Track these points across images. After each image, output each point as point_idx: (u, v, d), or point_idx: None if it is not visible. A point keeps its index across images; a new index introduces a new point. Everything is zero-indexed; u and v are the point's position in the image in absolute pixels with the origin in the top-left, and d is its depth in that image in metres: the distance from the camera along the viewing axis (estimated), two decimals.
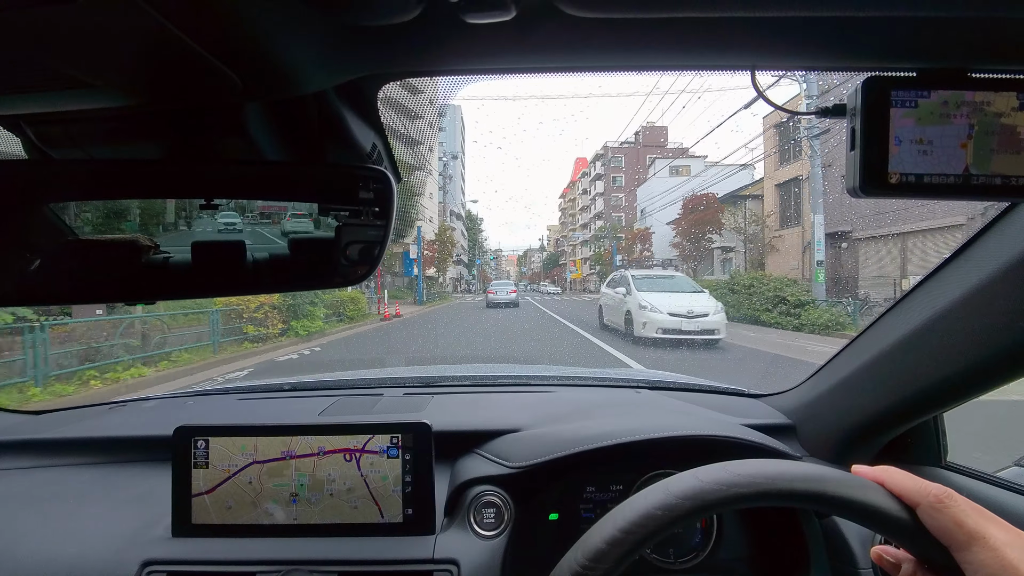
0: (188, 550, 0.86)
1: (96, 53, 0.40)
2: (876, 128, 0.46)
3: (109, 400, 1.42)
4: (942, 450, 0.96)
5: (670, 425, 0.95)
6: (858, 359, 0.93)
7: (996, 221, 0.69)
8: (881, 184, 0.46)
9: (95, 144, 0.55)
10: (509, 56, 0.50)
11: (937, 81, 0.46)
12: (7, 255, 0.53)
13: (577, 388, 1.44)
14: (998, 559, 0.38)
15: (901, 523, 0.42)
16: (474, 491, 0.93)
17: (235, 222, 0.56)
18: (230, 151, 0.56)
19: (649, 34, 0.46)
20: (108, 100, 0.46)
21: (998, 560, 0.38)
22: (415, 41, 0.46)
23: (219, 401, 1.39)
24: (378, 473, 0.88)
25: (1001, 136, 0.45)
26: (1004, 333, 0.67)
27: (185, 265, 0.55)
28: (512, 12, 0.39)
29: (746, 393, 1.33)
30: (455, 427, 1.06)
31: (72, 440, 1.13)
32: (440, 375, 1.55)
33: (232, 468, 0.88)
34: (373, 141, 0.63)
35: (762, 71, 0.52)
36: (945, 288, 0.74)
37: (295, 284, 0.65)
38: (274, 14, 0.39)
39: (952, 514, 0.40)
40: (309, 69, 0.47)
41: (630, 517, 0.42)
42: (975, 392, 0.76)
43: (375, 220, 0.57)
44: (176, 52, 0.39)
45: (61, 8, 0.33)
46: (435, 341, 10.13)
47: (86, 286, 0.58)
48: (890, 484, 0.44)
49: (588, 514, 0.99)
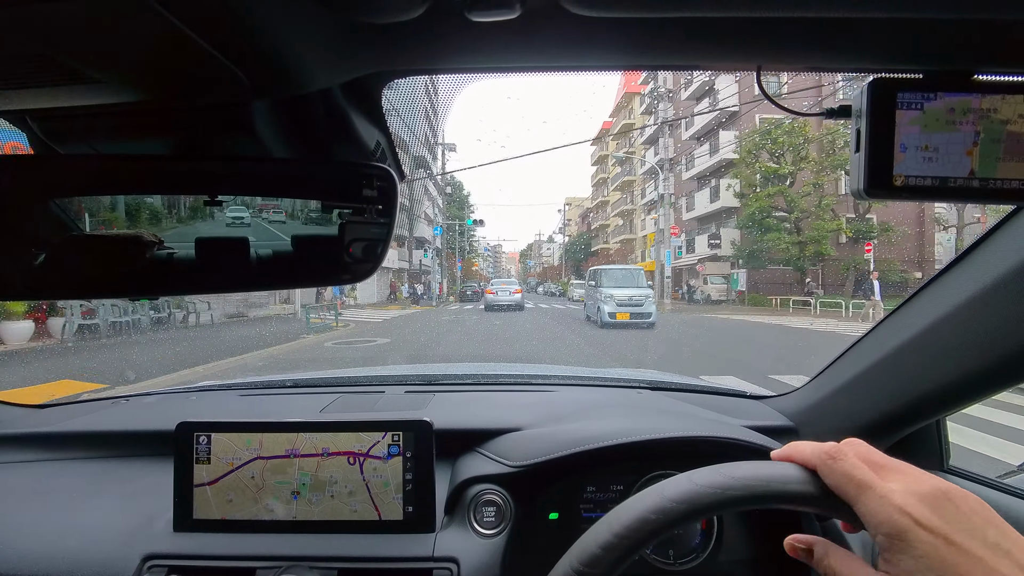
0: (189, 545, 0.86)
1: (104, 50, 0.40)
2: (881, 130, 0.45)
3: (112, 394, 1.43)
4: (944, 454, 0.96)
5: (671, 426, 0.95)
6: (861, 362, 0.93)
7: (1001, 225, 0.69)
8: (886, 186, 0.46)
9: (100, 140, 0.55)
10: (514, 54, 0.50)
11: (943, 83, 0.45)
12: (12, 249, 0.53)
13: (578, 388, 1.44)
14: (885, 506, 0.37)
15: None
16: (475, 489, 0.93)
17: (243, 216, 0.57)
18: (236, 148, 0.56)
19: (654, 33, 0.46)
20: (115, 96, 0.46)
21: (885, 507, 0.37)
22: (421, 39, 0.46)
23: (221, 396, 1.40)
24: (380, 479, 0.88)
25: (1007, 143, 0.45)
26: (1008, 337, 0.66)
27: (190, 261, 0.56)
28: (517, 11, 0.39)
29: (748, 395, 1.32)
30: (456, 425, 1.06)
31: (74, 434, 1.14)
32: (442, 373, 1.55)
33: (236, 462, 0.88)
34: (377, 139, 0.63)
35: (768, 72, 0.52)
36: (949, 292, 0.74)
37: (299, 281, 0.65)
38: (282, 12, 0.39)
39: (842, 468, 0.40)
40: (316, 67, 0.47)
41: (625, 521, 0.42)
42: (978, 396, 0.76)
43: (379, 217, 0.57)
44: (184, 50, 0.39)
45: (69, 4, 0.33)
46: None
47: (90, 280, 0.58)
48: (797, 457, 0.44)
49: (588, 514, 0.99)
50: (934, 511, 0.36)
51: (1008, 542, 0.35)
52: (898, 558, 0.36)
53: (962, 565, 0.34)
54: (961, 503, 0.37)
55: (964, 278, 0.72)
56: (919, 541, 0.36)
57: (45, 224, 0.55)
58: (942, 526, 0.36)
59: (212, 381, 1.58)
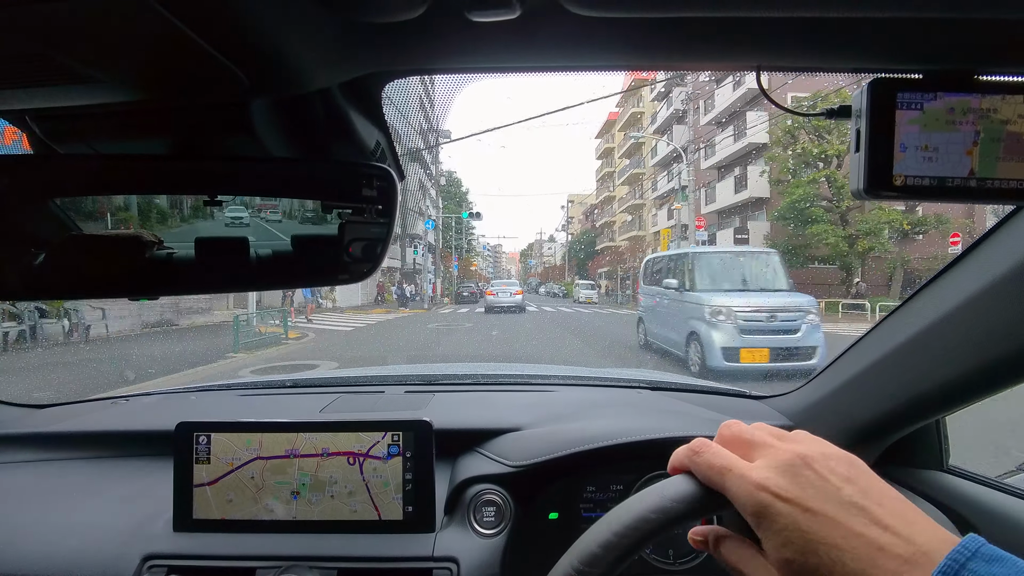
0: (189, 545, 0.86)
1: (103, 49, 0.40)
2: (881, 130, 0.45)
3: (111, 395, 1.42)
4: (944, 454, 0.96)
5: (671, 426, 0.95)
6: (861, 361, 0.93)
7: (1001, 225, 0.69)
8: (885, 186, 0.46)
9: (100, 139, 0.55)
10: (514, 54, 0.50)
11: (944, 83, 0.45)
12: (11, 249, 0.53)
13: (578, 388, 1.44)
14: (745, 485, 0.37)
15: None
16: (474, 489, 0.93)
17: (242, 216, 0.57)
18: (235, 148, 0.56)
19: (654, 33, 0.46)
20: (114, 96, 0.46)
21: (745, 486, 0.37)
22: (421, 39, 0.46)
23: (221, 396, 1.40)
24: (380, 479, 0.88)
25: (1007, 143, 0.45)
26: (1008, 337, 0.66)
27: (189, 261, 0.56)
28: (517, 11, 0.39)
29: (748, 394, 1.32)
30: (456, 425, 1.06)
31: (74, 434, 1.14)
32: (442, 373, 1.55)
33: (236, 462, 0.88)
34: (377, 138, 0.63)
35: (768, 71, 0.52)
36: (949, 291, 0.74)
37: (298, 281, 0.65)
38: (282, 11, 0.39)
39: (705, 460, 0.40)
40: (316, 66, 0.47)
41: (625, 520, 0.42)
42: (978, 396, 0.76)
43: (378, 217, 0.57)
44: (184, 49, 0.39)
45: (69, 4, 0.33)
46: None
47: (90, 280, 0.58)
48: (674, 466, 0.43)
49: (588, 514, 0.99)
50: (791, 480, 0.36)
51: (865, 499, 0.34)
52: (766, 536, 0.36)
53: (818, 531, 0.34)
54: (820, 466, 0.36)
55: (965, 278, 0.72)
56: (778, 514, 0.35)
57: (44, 224, 0.55)
58: (798, 494, 0.35)
59: (212, 380, 1.57)
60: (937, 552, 0.31)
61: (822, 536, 0.33)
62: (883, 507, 0.34)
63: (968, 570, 0.29)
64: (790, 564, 0.34)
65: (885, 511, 0.34)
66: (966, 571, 0.29)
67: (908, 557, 0.31)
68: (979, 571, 0.29)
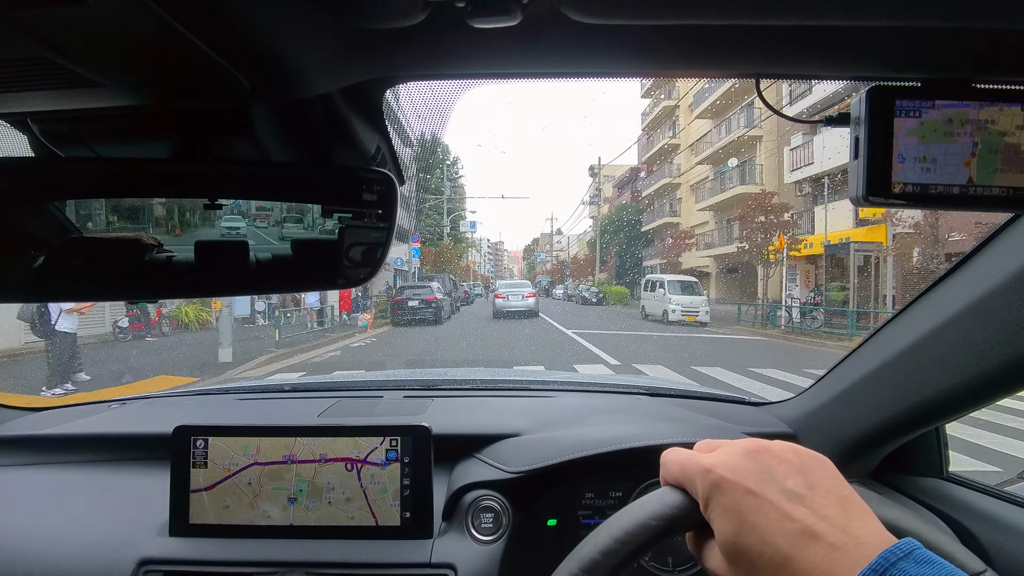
0: (185, 549, 0.85)
1: (105, 53, 0.40)
2: (880, 137, 0.46)
3: (109, 398, 1.42)
4: (943, 461, 0.96)
5: (670, 432, 0.95)
6: (861, 369, 0.93)
7: (999, 233, 0.69)
8: (884, 194, 0.46)
9: (101, 142, 0.55)
10: (514, 60, 0.50)
11: (942, 91, 0.46)
12: (12, 251, 0.53)
13: (577, 394, 1.44)
14: (699, 470, 0.39)
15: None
16: (472, 495, 0.93)
17: (238, 226, 0.57)
18: (236, 152, 0.56)
19: (654, 41, 0.46)
20: (116, 99, 0.46)
21: (699, 471, 0.39)
22: (421, 44, 0.46)
23: (218, 400, 1.39)
24: (378, 485, 0.88)
25: (1005, 154, 0.45)
26: (1007, 344, 0.66)
27: (189, 264, 0.56)
28: (518, 17, 0.40)
29: (747, 401, 1.32)
30: (454, 431, 1.06)
31: (71, 437, 1.13)
32: (440, 378, 1.55)
33: (233, 467, 0.87)
34: (377, 143, 0.63)
35: (767, 79, 0.53)
36: (948, 299, 0.74)
37: (298, 285, 0.65)
38: (283, 17, 0.39)
39: (670, 459, 0.43)
40: (317, 71, 0.48)
41: (625, 527, 0.42)
42: (978, 404, 0.76)
43: (378, 222, 0.57)
44: (185, 54, 0.39)
45: (71, 8, 0.33)
46: None
47: (89, 283, 0.58)
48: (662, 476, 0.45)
49: (587, 520, 0.98)
50: (741, 463, 0.38)
51: (810, 490, 0.36)
52: (712, 517, 0.38)
53: (756, 512, 0.35)
54: (769, 456, 0.38)
55: (963, 286, 0.72)
56: (723, 493, 0.37)
57: (45, 227, 0.55)
58: (743, 477, 0.37)
59: (209, 385, 1.57)
60: (870, 546, 0.32)
61: (758, 517, 0.35)
62: (826, 500, 0.35)
63: (898, 568, 0.30)
64: (728, 544, 0.37)
65: (827, 503, 0.35)
66: (895, 569, 0.30)
67: (838, 544, 0.32)
68: (908, 571, 0.30)
